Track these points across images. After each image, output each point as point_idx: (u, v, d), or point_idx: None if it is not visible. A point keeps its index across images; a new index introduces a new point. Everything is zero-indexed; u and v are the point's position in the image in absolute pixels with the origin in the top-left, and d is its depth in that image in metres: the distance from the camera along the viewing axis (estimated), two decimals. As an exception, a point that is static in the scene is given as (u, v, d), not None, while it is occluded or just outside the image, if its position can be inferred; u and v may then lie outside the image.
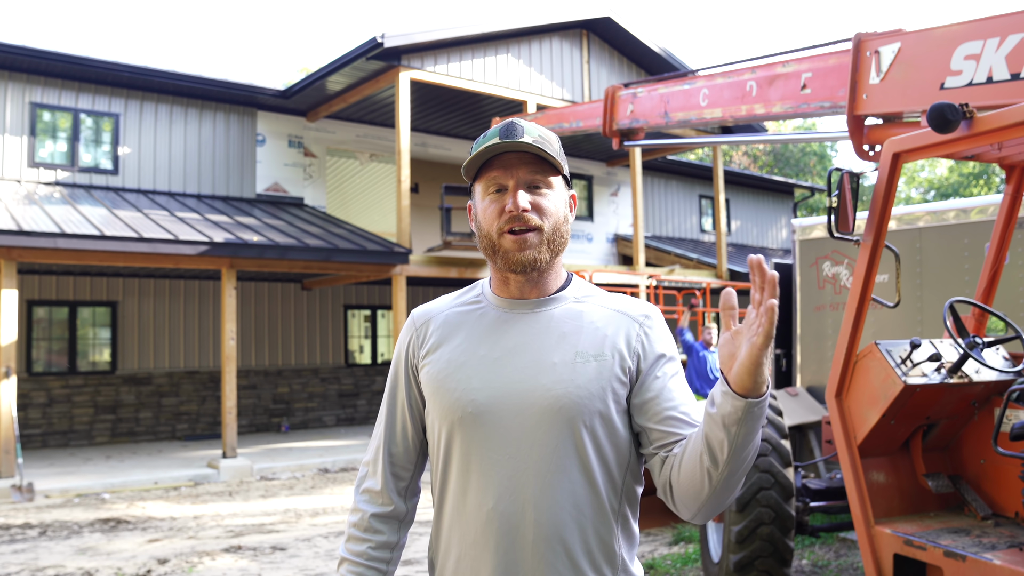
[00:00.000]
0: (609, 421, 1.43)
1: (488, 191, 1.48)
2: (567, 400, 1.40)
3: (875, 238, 3.28)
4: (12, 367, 8.81)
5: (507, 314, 1.50)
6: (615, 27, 13.84)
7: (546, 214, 1.46)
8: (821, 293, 7.22)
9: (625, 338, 1.47)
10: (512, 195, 1.44)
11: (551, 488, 1.38)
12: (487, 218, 1.47)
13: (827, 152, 33.54)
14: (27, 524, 7.28)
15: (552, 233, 1.46)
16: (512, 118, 1.52)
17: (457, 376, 1.46)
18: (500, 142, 1.43)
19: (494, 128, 1.47)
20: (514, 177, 1.45)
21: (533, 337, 1.46)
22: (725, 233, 17.98)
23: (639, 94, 5.88)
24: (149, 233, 9.55)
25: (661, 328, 1.51)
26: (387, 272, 11.49)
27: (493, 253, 1.47)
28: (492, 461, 1.41)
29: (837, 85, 4.23)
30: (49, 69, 11.63)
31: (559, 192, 1.50)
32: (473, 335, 1.50)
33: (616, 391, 1.43)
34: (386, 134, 14.56)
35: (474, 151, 1.47)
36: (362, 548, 1.55)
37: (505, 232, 1.44)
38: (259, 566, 5.78)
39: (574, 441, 1.40)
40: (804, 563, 5.59)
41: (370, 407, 15.13)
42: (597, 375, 1.42)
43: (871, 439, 3.50)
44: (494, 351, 1.46)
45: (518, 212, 1.43)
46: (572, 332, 1.46)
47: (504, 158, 1.46)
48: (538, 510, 1.38)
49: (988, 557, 2.99)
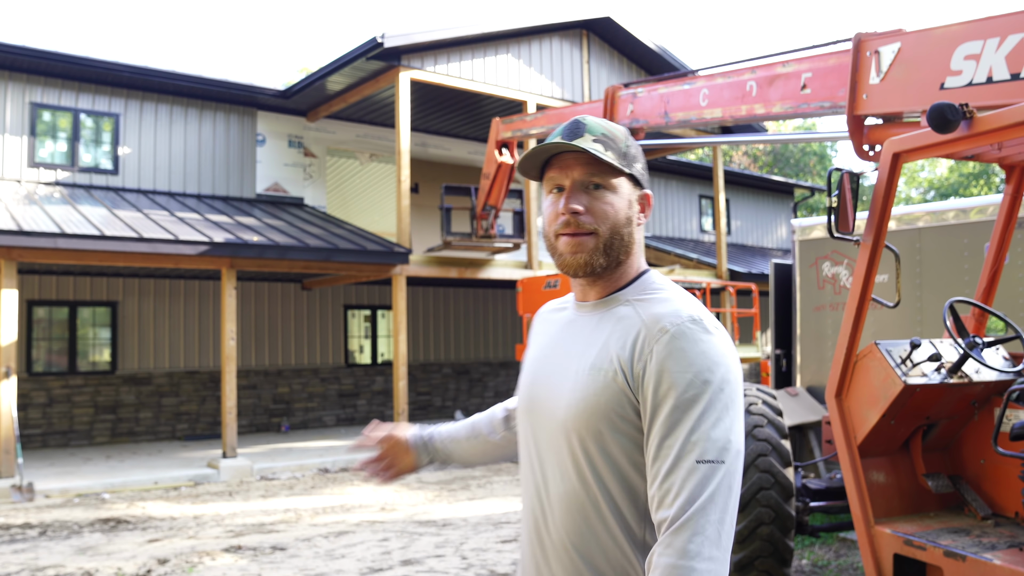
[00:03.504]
0: (617, 442, 1.33)
1: (549, 191, 1.45)
2: (569, 412, 1.37)
3: (875, 238, 3.28)
4: (12, 367, 8.81)
5: (572, 315, 1.51)
6: (615, 27, 13.84)
7: (602, 217, 1.39)
8: (821, 293, 7.22)
9: (630, 354, 1.33)
10: (565, 197, 1.41)
11: (560, 498, 1.40)
12: (547, 219, 1.45)
13: (827, 152, 33.54)
14: (27, 524, 7.28)
15: (610, 237, 1.39)
16: (580, 115, 1.48)
17: (525, 372, 1.54)
18: (555, 143, 1.40)
19: (562, 125, 1.44)
20: (570, 178, 1.41)
21: (570, 342, 1.45)
22: (725, 233, 17.97)
23: (639, 94, 5.88)
24: (149, 233, 9.55)
25: (677, 346, 1.28)
26: (387, 272, 11.49)
27: (552, 254, 1.45)
28: (529, 462, 1.49)
29: (837, 85, 4.23)
30: (49, 69, 11.63)
31: (623, 193, 1.42)
32: (547, 335, 1.54)
33: (622, 411, 1.32)
34: (386, 134, 14.56)
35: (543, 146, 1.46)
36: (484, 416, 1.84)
37: (561, 235, 1.41)
38: (259, 566, 5.78)
39: (577, 456, 1.36)
40: (804, 563, 5.59)
41: (370, 407, 15.13)
42: (597, 393, 1.34)
43: (871, 439, 3.50)
44: (546, 351, 1.51)
45: (569, 216, 1.39)
46: (596, 341, 1.39)
47: (562, 158, 1.42)
48: (553, 516, 1.41)
49: (988, 557, 2.99)
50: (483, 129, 14.88)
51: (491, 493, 8.63)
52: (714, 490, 1.21)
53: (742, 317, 17.06)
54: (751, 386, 4.65)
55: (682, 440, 1.24)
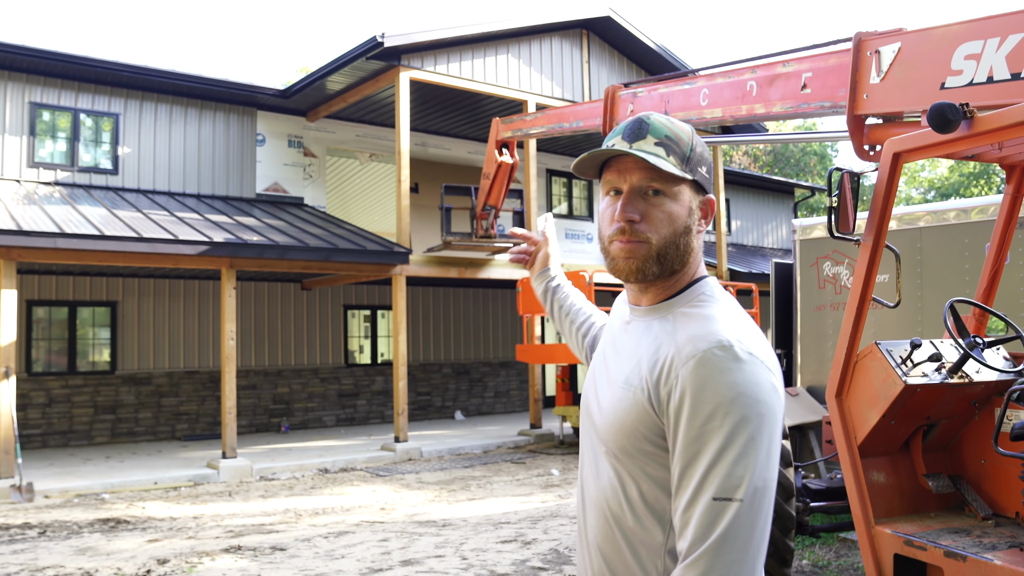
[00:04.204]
0: (648, 455, 1.30)
1: (606, 193, 1.40)
2: (604, 422, 1.37)
3: (875, 238, 3.28)
4: (12, 367, 8.81)
5: (626, 318, 1.49)
6: (615, 26, 13.84)
7: (658, 226, 1.33)
8: (821, 293, 7.22)
9: (657, 376, 1.28)
10: (622, 204, 1.35)
11: (593, 501, 1.42)
12: (602, 222, 1.40)
13: (827, 152, 33.55)
14: (27, 524, 7.28)
15: (665, 246, 1.34)
16: (642, 113, 1.42)
17: (587, 377, 1.56)
18: (612, 147, 1.35)
19: (622, 124, 1.39)
20: (627, 182, 1.35)
21: (621, 348, 1.44)
22: (725, 233, 17.97)
23: (639, 94, 5.88)
24: (149, 233, 9.55)
25: (704, 373, 1.22)
26: (387, 272, 11.49)
27: (605, 256, 1.41)
28: (582, 456, 1.51)
29: (837, 85, 4.22)
30: (49, 69, 11.63)
31: (682, 200, 1.35)
32: (606, 338, 1.55)
33: (647, 432, 1.29)
34: (386, 134, 14.56)
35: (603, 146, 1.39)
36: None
37: (614, 240, 1.37)
38: (259, 566, 5.78)
39: (612, 471, 1.36)
40: (804, 563, 5.59)
41: (370, 407, 15.13)
42: (630, 407, 1.31)
43: (871, 439, 3.49)
44: (601, 359, 1.51)
45: (624, 223, 1.34)
46: (636, 352, 1.36)
47: (622, 159, 1.36)
48: (587, 515, 1.45)
49: (988, 557, 2.99)
50: (483, 129, 14.88)
51: (491, 493, 8.63)
52: (726, 529, 1.16)
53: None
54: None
55: (700, 474, 1.19)
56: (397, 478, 9.66)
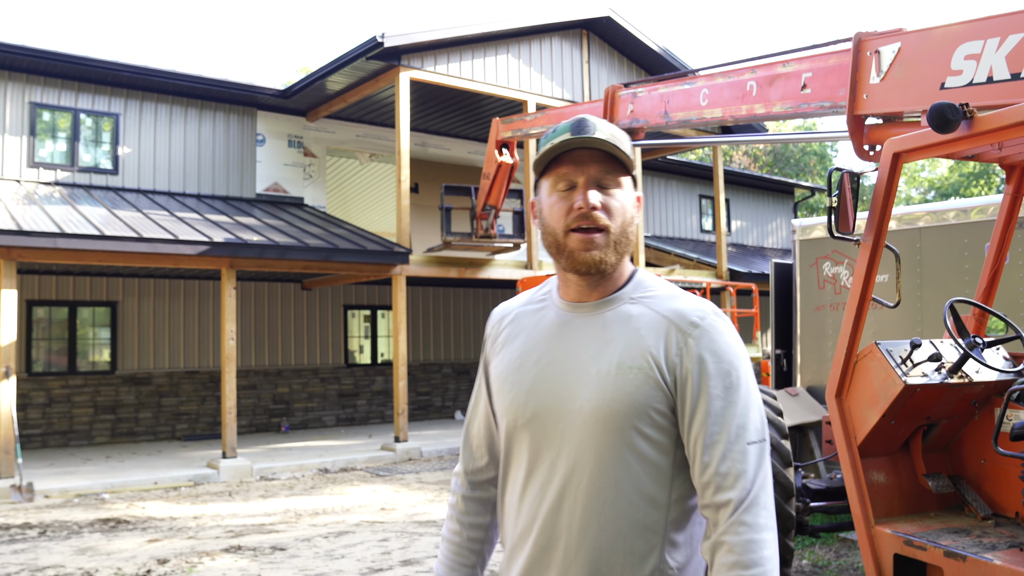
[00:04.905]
0: (648, 437, 1.36)
1: (556, 187, 1.42)
2: (603, 413, 1.36)
3: (875, 238, 3.28)
4: (12, 367, 8.81)
5: (565, 316, 1.46)
6: (615, 27, 13.84)
7: (615, 214, 1.40)
8: (821, 293, 7.22)
9: (664, 349, 1.36)
10: (582, 192, 1.39)
11: (588, 500, 1.37)
12: (554, 215, 1.41)
13: (827, 152, 33.55)
14: (27, 524, 7.28)
15: (619, 235, 1.41)
16: (582, 114, 1.47)
17: (513, 379, 1.47)
18: (573, 137, 1.38)
19: (564, 123, 1.43)
20: (585, 174, 1.40)
21: (580, 344, 1.42)
22: (725, 233, 17.97)
23: (639, 94, 5.88)
24: (149, 233, 9.55)
25: (712, 338, 1.36)
26: (387, 272, 11.49)
27: (558, 252, 1.42)
28: (538, 467, 1.42)
29: (837, 85, 4.22)
30: (49, 69, 11.63)
31: (628, 193, 1.44)
32: (532, 337, 1.48)
33: (655, 407, 1.36)
34: (386, 134, 14.56)
35: (543, 146, 1.42)
36: (455, 527, 1.64)
37: (572, 230, 1.39)
38: (259, 566, 5.78)
39: (610, 455, 1.36)
40: (804, 563, 5.59)
41: (370, 407, 15.13)
42: (635, 389, 1.35)
43: (871, 439, 3.49)
44: (546, 355, 1.45)
45: (588, 210, 1.38)
46: (616, 339, 1.39)
47: (575, 154, 1.41)
48: (576, 522, 1.38)
49: (988, 557, 2.99)
50: (483, 129, 14.88)
51: (491, 493, 8.62)
52: (766, 466, 1.35)
53: (742, 317, 17.05)
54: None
55: (733, 426, 1.33)
56: (397, 478, 9.66)
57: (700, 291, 12.96)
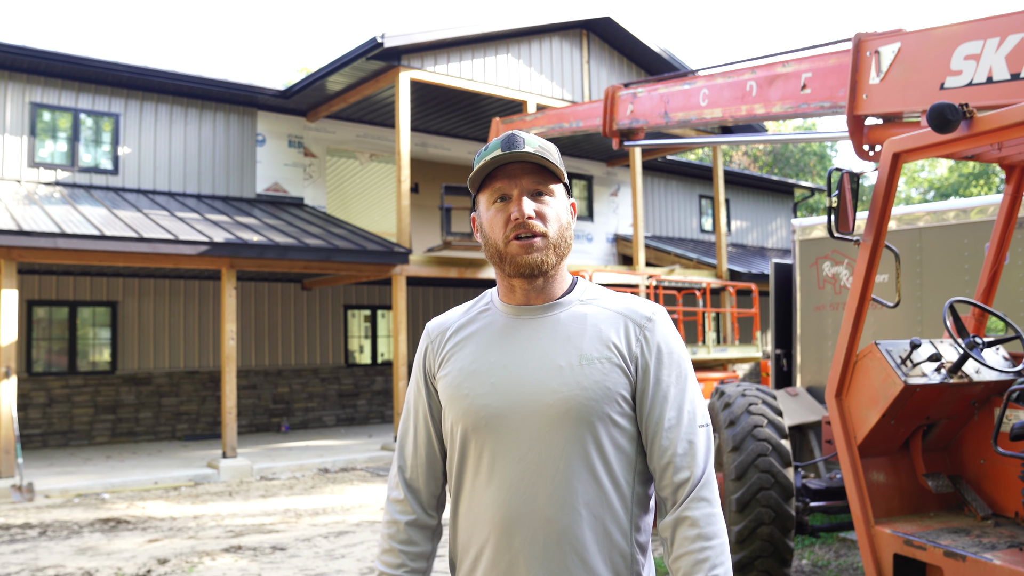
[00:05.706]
0: (616, 424, 1.45)
1: (492, 201, 1.50)
2: (573, 403, 1.42)
3: (875, 238, 3.28)
4: (12, 367, 8.81)
5: (515, 320, 1.53)
6: (615, 27, 13.84)
7: (550, 220, 1.49)
8: (821, 293, 7.22)
9: (626, 341, 1.48)
10: (517, 203, 1.47)
11: (561, 490, 1.41)
12: (494, 227, 1.49)
13: (827, 152, 33.54)
14: (27, 524, 7.28)
15: (557, 238, 1.49)
16: (511, 129, 1.57)
17: (470, 383, 1.50)
18: (503, 153, 1.46)
19: (495, 141, 1.51)
20: (518, 186, 1.48)
21: (540, 342, 1.49)
22: (725, 233, 17.97)
23: (639, 94, 5.88)
24: (149, 233, 9.55)
25: (664, 331, 1.50)
26: (387, 272, 11.49)
27: (500, 260, 1.50)
28: (504, 464, 1.45)
29: (837, 85, 4.23)
30: (49, 69, 11.63)
31: (561, 200, 1.53)
32: (484, 343, 1.53)
33: (622, 394, 1.46)
34: (386, 134, 14.56)
35: (477, 163, 1.50)
36: (396, 560, 1.58)
37: (511, 239, 1.47)
38: (259, 566, 5.78)
39: (581, 444, 1.42)
40: (804, 563, 5.59)
41: (370, 407, 15.13)
42: (602, 377, 1.44)
43: (871, 439, 3.50)
44: (503, 357, 1.49)
45: (524, 219, 1.46)
46: (577, 335, 1.48)
47: (507, 168, 1.49)
48: (549, 512, 1.41)
49: (988, 557, 2.99)
50: (483, 129, 14.88)
51: (491, 493, 8.63)
52: (712, 447, 1.50)
53: (742, 317, 17.06)
54: (751, 386, 4.64)
55: (688, 410, 1.47)
56: (397, 478, 9.65)
57: (700, 291, 12.96)
